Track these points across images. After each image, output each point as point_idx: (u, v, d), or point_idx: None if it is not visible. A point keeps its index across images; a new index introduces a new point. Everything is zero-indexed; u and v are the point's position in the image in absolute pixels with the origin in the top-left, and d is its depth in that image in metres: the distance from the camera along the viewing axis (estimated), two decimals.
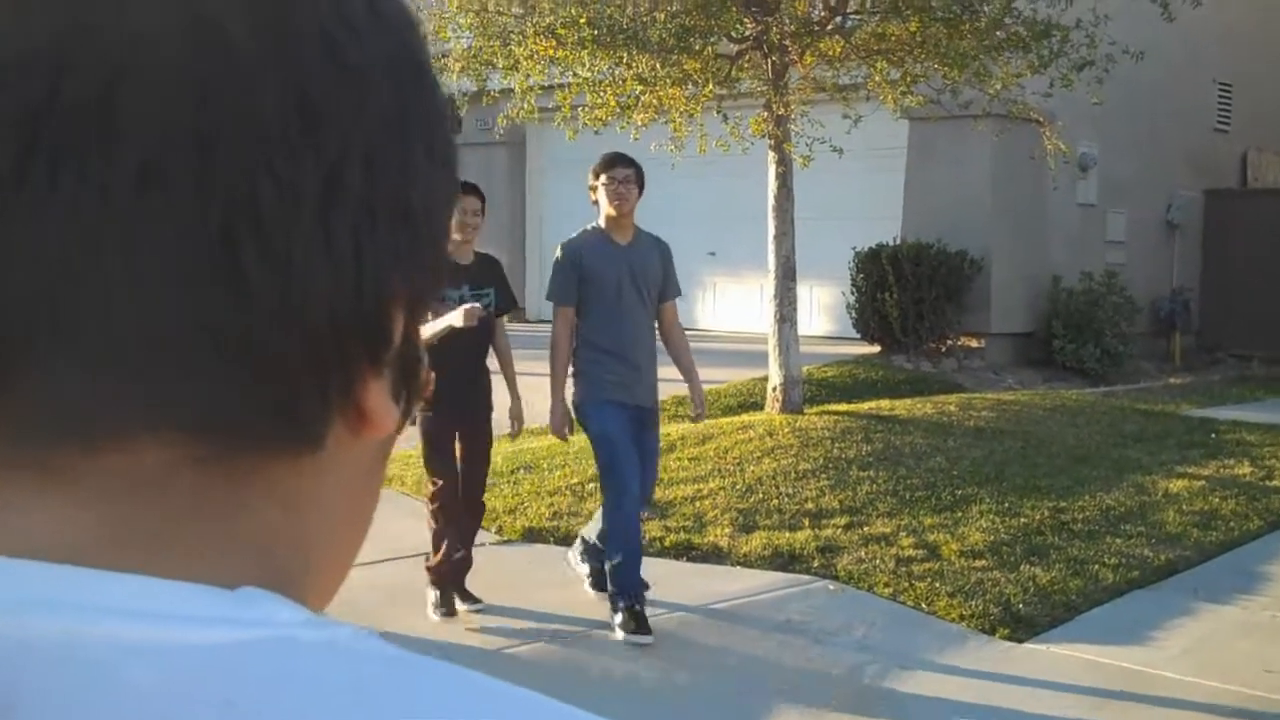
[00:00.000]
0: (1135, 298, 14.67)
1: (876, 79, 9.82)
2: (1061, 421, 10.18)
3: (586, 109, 9.92)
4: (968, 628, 6.23)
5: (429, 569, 6.14)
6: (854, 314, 13.73)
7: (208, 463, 0.49)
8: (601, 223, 5.96)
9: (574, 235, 6.05)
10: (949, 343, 13.65)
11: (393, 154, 0.52)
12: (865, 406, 10.18)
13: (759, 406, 10.34)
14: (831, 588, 6.64)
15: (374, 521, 0.59)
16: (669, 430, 8.84)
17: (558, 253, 6.00)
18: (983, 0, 9.04)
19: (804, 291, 14.96)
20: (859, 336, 13.77)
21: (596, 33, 8.87)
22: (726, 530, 7.44)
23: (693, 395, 6.35)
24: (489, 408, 6.18)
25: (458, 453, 6.12)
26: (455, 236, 5.74)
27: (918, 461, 8.55)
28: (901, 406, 10.15)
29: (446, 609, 6.08)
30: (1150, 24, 10.56)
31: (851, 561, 6.90)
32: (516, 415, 6.27)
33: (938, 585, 6.59)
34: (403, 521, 6.93)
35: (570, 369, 6.02)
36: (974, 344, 13.79)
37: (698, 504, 7.88)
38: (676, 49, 8.98)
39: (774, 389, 9.79)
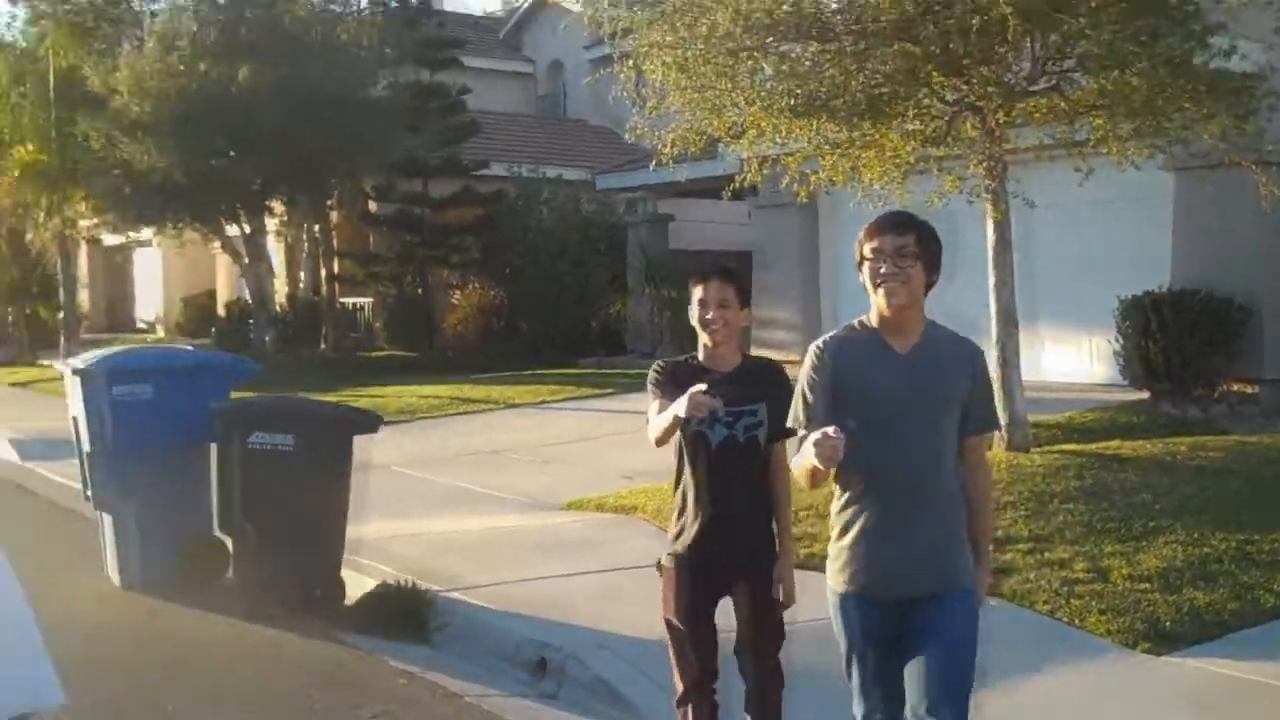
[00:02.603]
0: None
1: (1099, 133, 10.22)
2: None
3: (816, 173, 10.77)
4: (1111, 641, 6.65)
5: None
6: (1120, 361, 13.92)
7: None
8: (872, 319, 4.25)
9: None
10: (1219, 389, 13.64)
11: None
12: (1094, 447, 10.47)
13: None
14: (992, 603, 7.16)
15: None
16: None
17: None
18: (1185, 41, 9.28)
19: (1081, 339, 15.28)
20: (1127, 384, 13.95)
21: (794, 102, 9.71)
22: None
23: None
24: (770, 562, 4.85)
25: (740, 623, 4.88)
26: (703, 338, 4.84)
27: (1123, 496, 8.85)
28: (1129, 447, 10.39)
29: None
30: None
31: (1018, 582, 7.38)
32: (782, 578, 4.83)
33: (1093, 604, 7.00)
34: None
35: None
36: (1248, 390, 13.72)
37: None
38: (868, 114, 9.72)
39: (999, 433, 10.26)
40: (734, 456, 4.74)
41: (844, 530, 4.24)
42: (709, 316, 4.76)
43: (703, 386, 4.44)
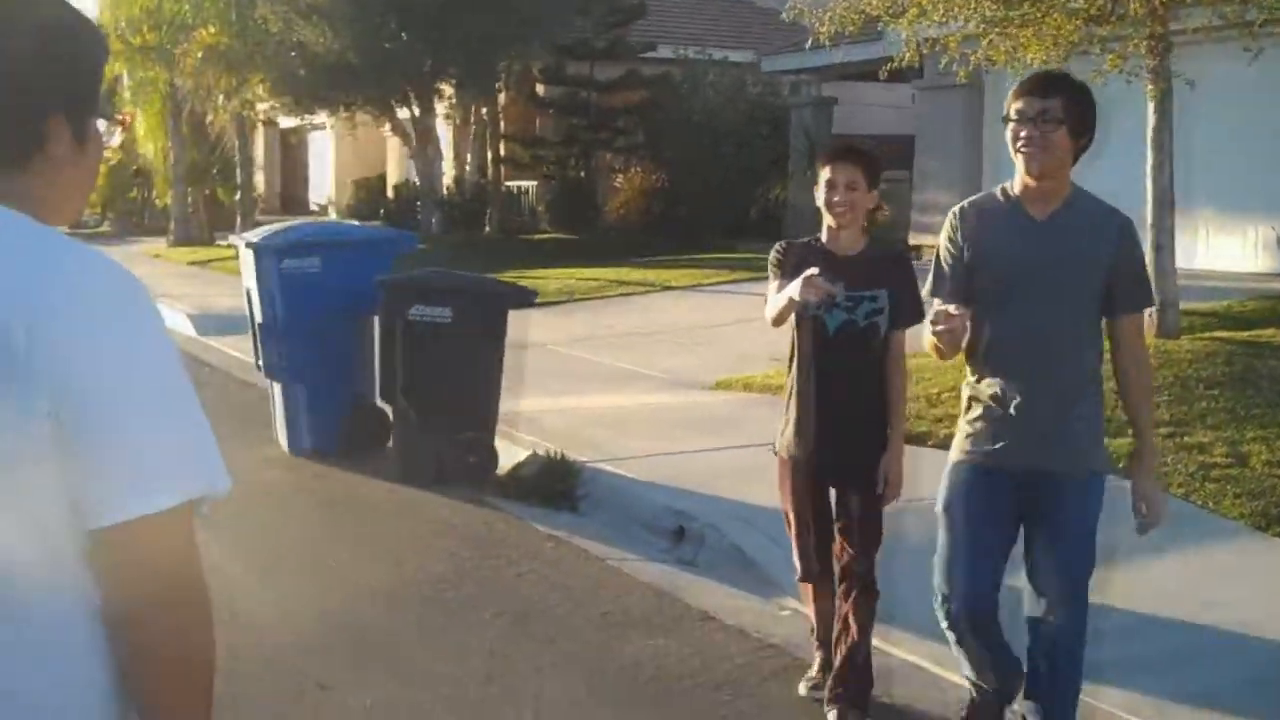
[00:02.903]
0: None
1: (1271, 11, 9.95)
2: None
3: (976, 53, 10.70)
4: (1244, 524, 6.69)
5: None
6: None
7: None
8: (1015, 186, 4.13)
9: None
10: None
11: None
12: (1246, 335, 10.33)
13: None
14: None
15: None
16: None
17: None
18: None
19: (1245, 228, 14.94)
20: None
21: None
22: None
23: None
24: (877, 461, 4.70)
25: (835, 521, 4.82)
26: (827, 220, 4.72)
27: (1271, 384, 8.77)
28: None
29: None
30: None
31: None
32: (890, 473, 4.68)
33: (1229, 488, 7.03)
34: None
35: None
36: None
37: None
38: None
39: (1149, 314, 10.16)
40: (851, 344, 4.60)
41: (968, 405, 4.20)
42: (835, 199, 4.61)
43: (816, 270, 4.35)
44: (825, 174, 4.66)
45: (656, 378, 11.42)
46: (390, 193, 31.61)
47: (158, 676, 1.70)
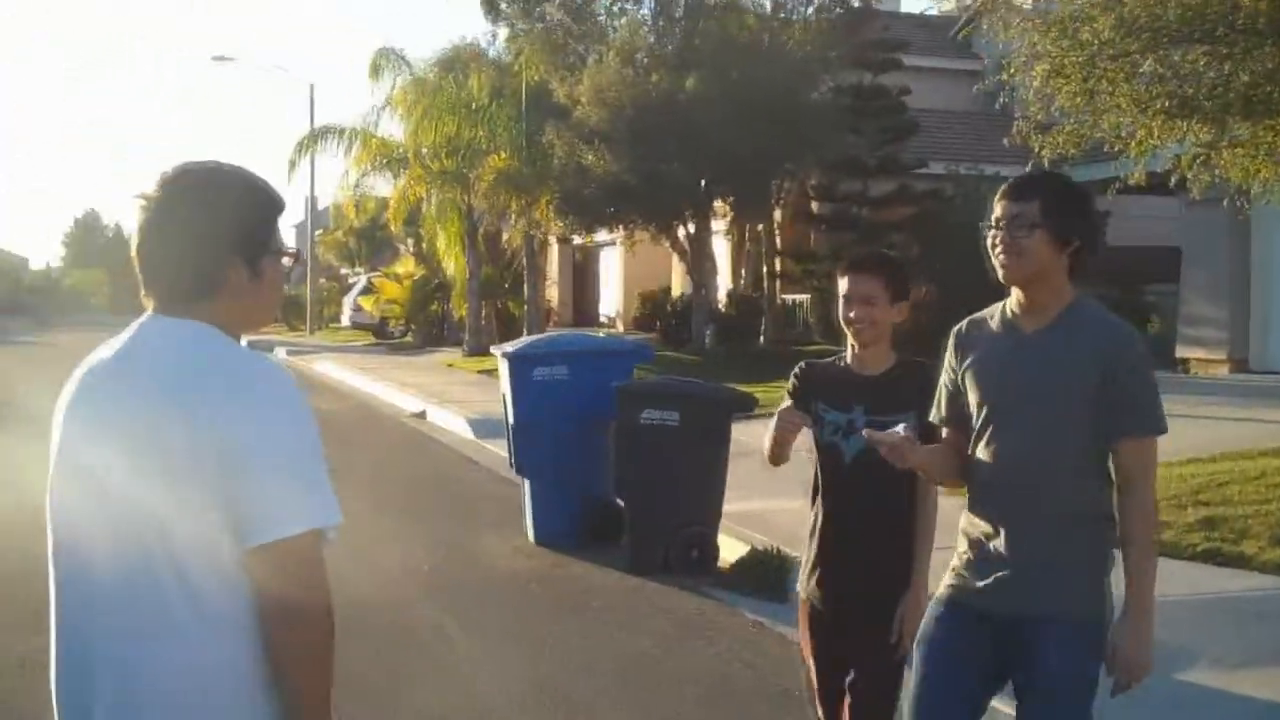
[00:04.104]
0: None
1: None
2: None
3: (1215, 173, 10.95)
4: None
5: None
6: None
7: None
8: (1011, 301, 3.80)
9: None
10: None
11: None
12: None
13: None
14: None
15: None
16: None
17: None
18: None
19: None
20: None
21: (1169, 104, 9.94)
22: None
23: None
24: (895, 605, 4.21)
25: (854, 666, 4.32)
26: (849, 338, 4.36)
27: None
28: None
29: None
30: None
31: None
32: (907, 621, 4.14)
33: None
34: None
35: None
36: None
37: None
38: (1240, 113, 9.83)
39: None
40: (872, 473, 4.03)
41: (960, 540, 3.83)
42: (851, 314, 4.26)
43: (788, 403, 4.26)
44: (841, 286, 4.31)
45: None
46: (671, 306, 32.81)
47: (286, 664, 2.45)
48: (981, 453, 3.71)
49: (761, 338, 27.33)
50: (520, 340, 11.29)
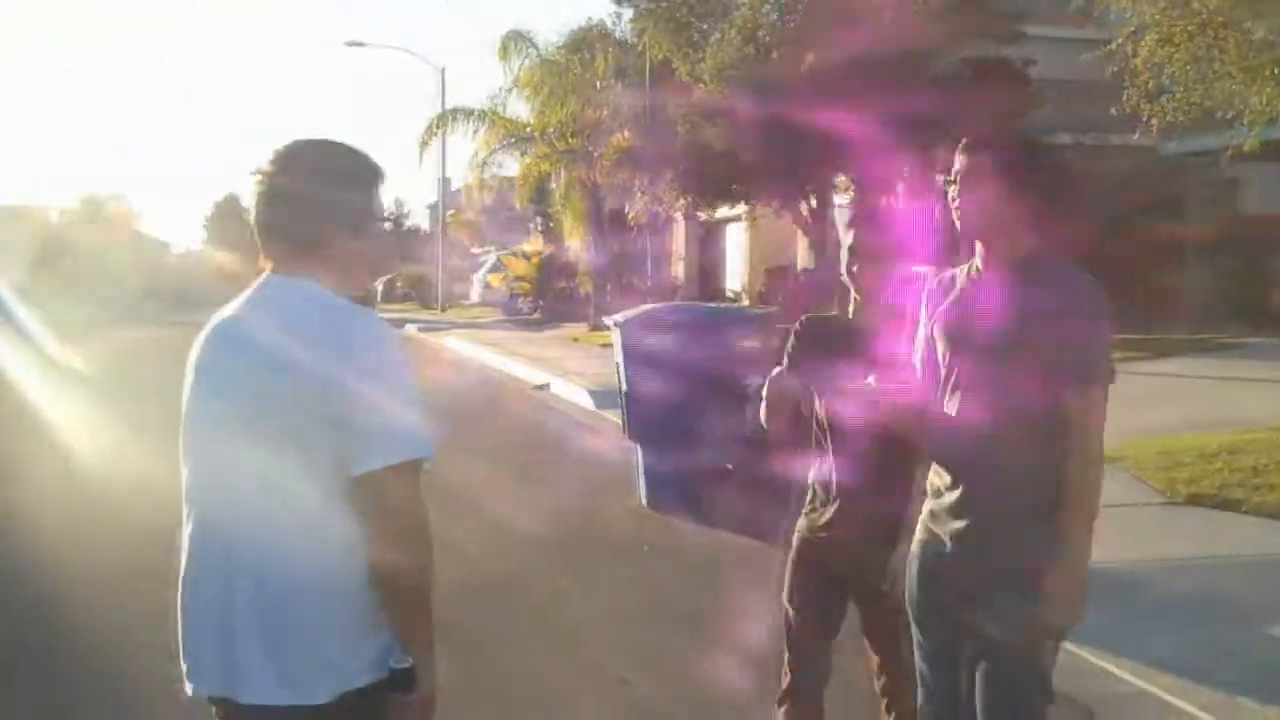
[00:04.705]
0: None
1: None
2: None
3: None
4: None
5: None
6: None
7: None
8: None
9: None
10: None
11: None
12: None
13: None
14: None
15: None
16: None
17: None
18: None
19: None
20: None
21: None
22: None
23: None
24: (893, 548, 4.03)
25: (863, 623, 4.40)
26: (853, 292, 4.41)
27: None
28: None
29: None
30: None
31: None
32: (893, 564, 4.02)
33: None
34: None
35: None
36: None
37: None
38: None
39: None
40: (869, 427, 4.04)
41: (928, 488, 3.77)
42: (854, 269, 4.32)
43: (781, 369, 4.34)
44: (847, 239, 4.35)
45: None
46: (795, 280, 32.89)
47: (390, 581, 2.79)
48: (935, 403, 3.68)
49: None
50: (632, 310, 11.61)
